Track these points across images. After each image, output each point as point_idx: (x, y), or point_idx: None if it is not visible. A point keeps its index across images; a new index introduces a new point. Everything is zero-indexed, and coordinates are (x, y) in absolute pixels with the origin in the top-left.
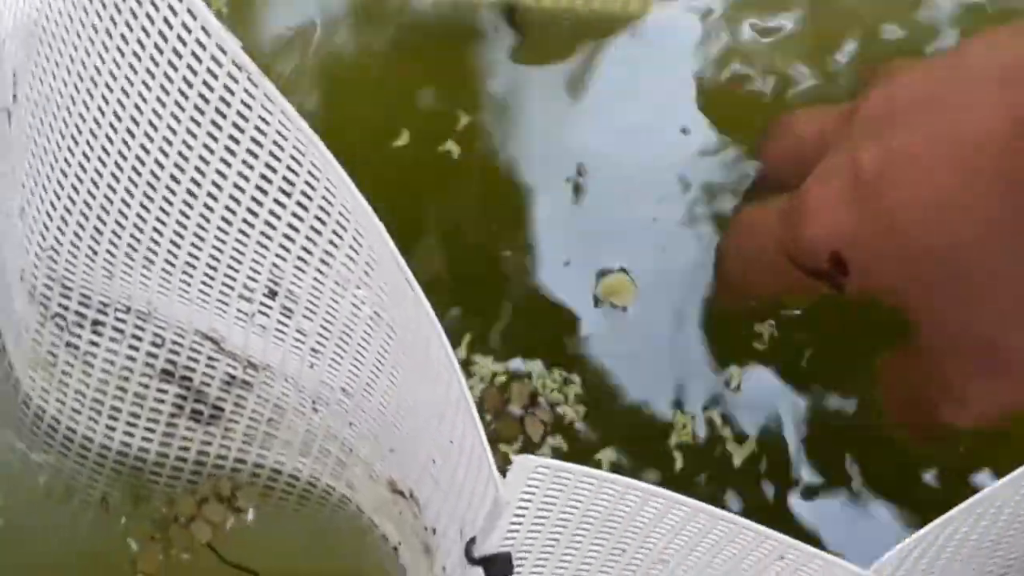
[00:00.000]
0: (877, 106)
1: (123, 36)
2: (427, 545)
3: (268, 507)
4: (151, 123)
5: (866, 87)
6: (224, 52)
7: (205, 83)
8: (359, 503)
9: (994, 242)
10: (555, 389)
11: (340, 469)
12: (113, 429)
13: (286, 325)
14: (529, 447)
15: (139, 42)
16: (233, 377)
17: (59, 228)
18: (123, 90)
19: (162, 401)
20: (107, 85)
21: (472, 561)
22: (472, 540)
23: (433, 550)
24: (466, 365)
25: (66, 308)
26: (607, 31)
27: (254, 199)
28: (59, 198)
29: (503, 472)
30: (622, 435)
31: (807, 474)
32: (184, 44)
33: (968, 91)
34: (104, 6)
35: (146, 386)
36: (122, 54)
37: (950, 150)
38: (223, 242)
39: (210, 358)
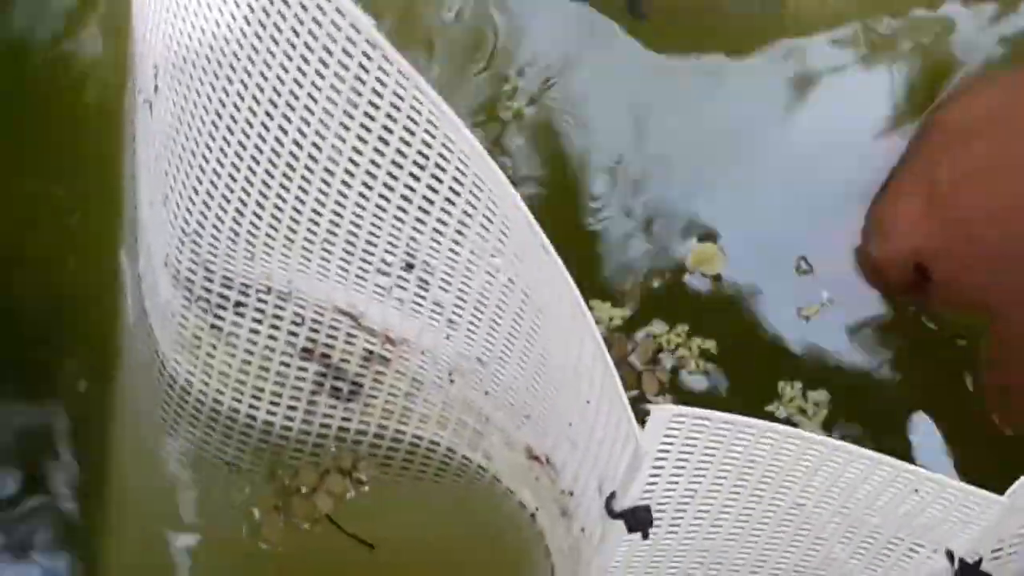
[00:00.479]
0: (946, 126)
1: (260, 22)
2: (564, 509)
3: (392, 481)
4: (289, 104)
5: (934, 108)
6: (358, 31)
7: (340, 63)
8: (496, 472)
9: None
10: (680, 344)
11: (477, 439)
12: (256, 408)
13: (423, 297)
14: (641, 401)
15: (275, 26)
16: (371, 353)
17: (202, 212)
18: (262, 74)
19: (303, 379)
20: (246, 70)
21: (613, 515)
22: (612, 495)
23: (571, 512)
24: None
25: (209, 291)
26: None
27: (390, 173)
28: (201, 182)
29: (640, 423)
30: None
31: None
32: (320, 25)
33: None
34: None
35: (287, 364)
36: (259, 39)
37: (1019, 160)
38: (361, 217)
39: (349, 335)
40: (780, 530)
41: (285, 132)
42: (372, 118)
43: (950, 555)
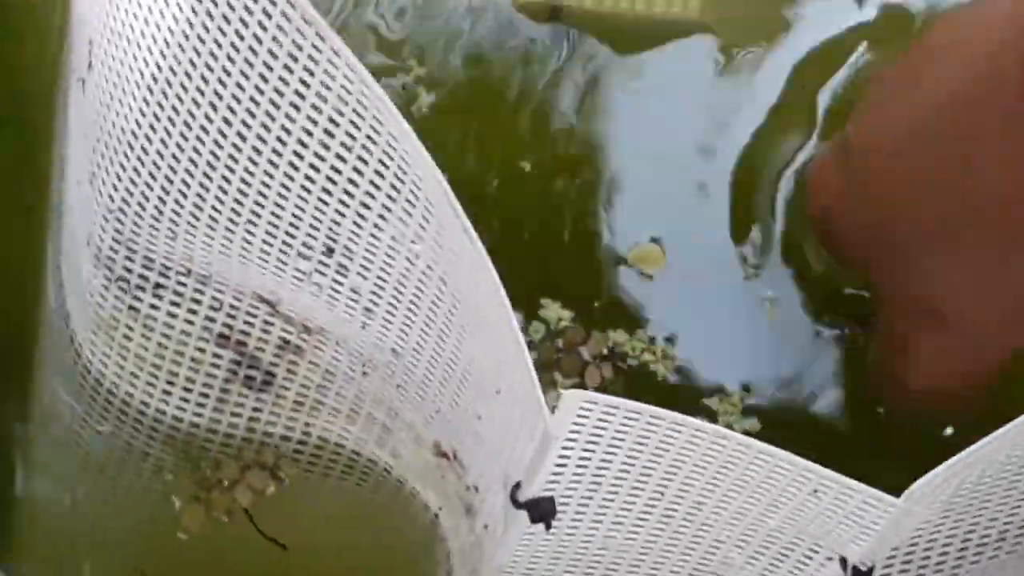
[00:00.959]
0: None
1: None
2: (469, 506)
3: (307, 481)
4: (221, 81)
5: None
6: (293, 7)
7: (274, 39)
8: (401, 473)
9: (946, 206)
10: (644, 349)
11: (385, 436)
12: (169, 394)
13: (341, 284)
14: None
15: (213, 1)
16: (287, 342)
17: (127, 189)
18: (195, 49)
19: (217, 367)
20: (179, 45)
21: (517, 505)
22: (517, 485)
23: (475, 510)
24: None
25: (130, 271)
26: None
27: (316, 154)
28: (128, 158)
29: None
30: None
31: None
32: (255, 0)
33: (925, 68)
34: None
35: (202, 350)
36: (195, 12)
37: (918, 115)
38: (285, 199)
39: (265, 322)
40: (679, 532)
41: (215, 109)
42: (302, 96)
43: (843, 562)
